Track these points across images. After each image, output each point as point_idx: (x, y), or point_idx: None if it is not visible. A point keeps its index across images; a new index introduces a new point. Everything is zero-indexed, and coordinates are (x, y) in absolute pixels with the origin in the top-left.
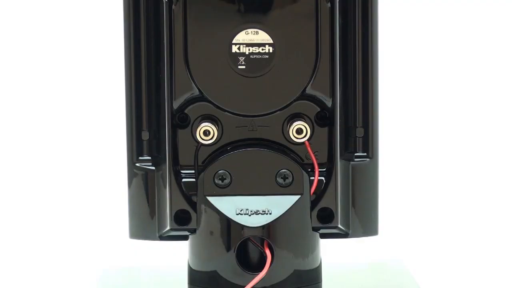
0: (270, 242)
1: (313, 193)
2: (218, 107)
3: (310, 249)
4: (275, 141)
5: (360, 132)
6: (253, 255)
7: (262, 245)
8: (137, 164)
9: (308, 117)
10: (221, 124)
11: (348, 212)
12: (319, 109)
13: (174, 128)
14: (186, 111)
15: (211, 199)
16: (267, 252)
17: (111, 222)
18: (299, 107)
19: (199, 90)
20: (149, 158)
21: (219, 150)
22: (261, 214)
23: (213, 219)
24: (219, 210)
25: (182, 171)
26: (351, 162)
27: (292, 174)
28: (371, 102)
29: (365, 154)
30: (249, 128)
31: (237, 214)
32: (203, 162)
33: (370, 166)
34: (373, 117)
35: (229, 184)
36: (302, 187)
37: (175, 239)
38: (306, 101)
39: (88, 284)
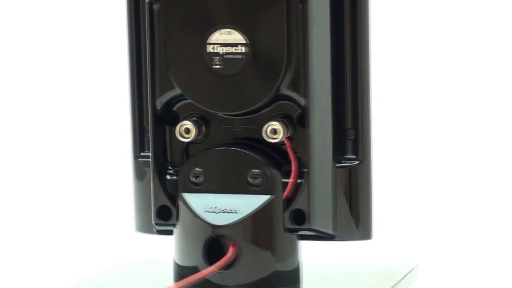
0: (234, 240)
1: (290, 193)
2: None
3: (283, 250)
4: (257, 141)
5: (350, 134)
6: (226, 252)
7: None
8: (140, 160)
9: (291, 117)
10: (209, 123)
11: (333, 215)
12: (300, 110)
13: (163, 126)
14: (174, 108)
15: (185, 196)
16: (230, 249)
17: (115, 218)
18: (281, 107)
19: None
20: None
21: (204, 148)
22: (228, 213)
23: (186, 216)
24: (190, 207)
25: (170, 168)
26: (338, 165)
27: (264, 175)
28: (360, 103)
29: (355, 157)
30: (234, 128)
31: (205, 212)
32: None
33: (360, 169)
34: (363, 119)
35: (203, 182)
36: (272, 188)
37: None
38: (287, 102)
39: (91, 280)
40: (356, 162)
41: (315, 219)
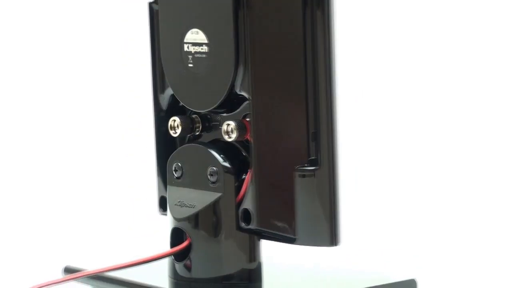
0: (188, 233)
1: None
2: None
3: (235, 248)
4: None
5: (313, 137)
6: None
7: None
8: None
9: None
10: (206, 119)
11: (290, 218)
12: None
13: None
14: (181, 103)
15: (169, 189)
16: (185, 242)
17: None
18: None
19: None
20: None
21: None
22: (188, 207)
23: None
24: (168, 199)
25: None
26: (298, 167)
27: (218, 172)
28: (324, 106)
29: (317, 160)
30: (219, 125)
31: (174, 205)
32: None
33: (318, 174)
34: (327, 122)
35: (181, 176)
36: (224, 186)
37: None
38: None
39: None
40: (317, 166)
41: (262, 220)
